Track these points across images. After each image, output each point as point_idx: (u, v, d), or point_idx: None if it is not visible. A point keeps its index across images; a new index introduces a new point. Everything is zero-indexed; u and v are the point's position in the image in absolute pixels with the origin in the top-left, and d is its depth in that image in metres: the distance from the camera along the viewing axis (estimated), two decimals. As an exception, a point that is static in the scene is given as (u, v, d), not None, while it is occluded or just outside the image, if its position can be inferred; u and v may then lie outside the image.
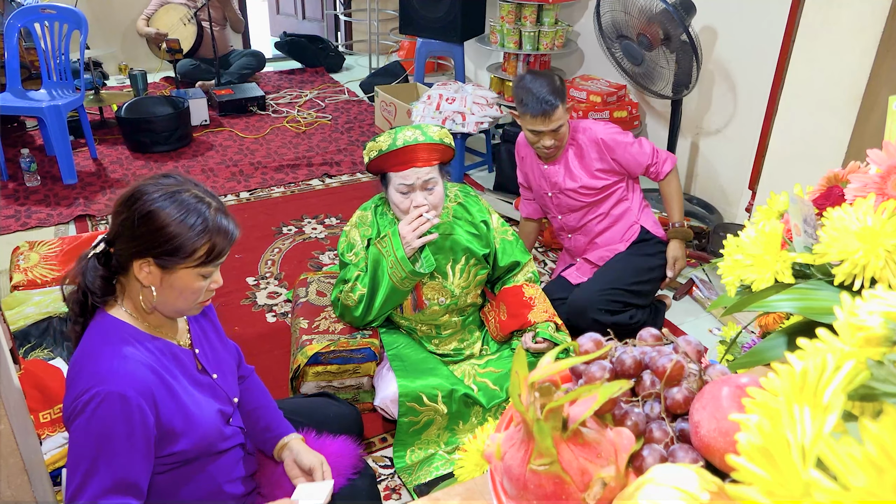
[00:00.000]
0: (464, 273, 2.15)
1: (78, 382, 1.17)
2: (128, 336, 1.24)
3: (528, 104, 2.29)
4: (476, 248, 2.14)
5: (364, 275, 2.07)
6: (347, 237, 2.13)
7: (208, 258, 1.23)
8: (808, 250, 0.65)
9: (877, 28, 2.15)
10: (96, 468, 1.13)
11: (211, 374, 1.38)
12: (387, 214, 2.12)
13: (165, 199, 1.20)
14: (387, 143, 1.95)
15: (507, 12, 4.06)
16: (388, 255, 2.03)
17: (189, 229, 1.20)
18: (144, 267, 1.21)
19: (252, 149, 4.27)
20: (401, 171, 1.97)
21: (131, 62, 5.09)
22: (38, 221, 3.36)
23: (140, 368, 1.20)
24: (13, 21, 3.56)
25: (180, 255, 1.20)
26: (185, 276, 1.23)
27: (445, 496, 0.66)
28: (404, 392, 2.00)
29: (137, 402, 1.15)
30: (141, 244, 1.19)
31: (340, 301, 2.13)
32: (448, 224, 2.12)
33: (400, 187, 1.99)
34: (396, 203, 2.02)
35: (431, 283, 2.12)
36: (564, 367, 0.55)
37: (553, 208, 2.60)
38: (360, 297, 2.07)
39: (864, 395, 0.43)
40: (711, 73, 3.44)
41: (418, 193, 1.99)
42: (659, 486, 0.49)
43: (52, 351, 2.18)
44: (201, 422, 1.28)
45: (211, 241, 1.22)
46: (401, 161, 1.96)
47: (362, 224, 2.12)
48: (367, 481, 1.58)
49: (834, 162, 2.38)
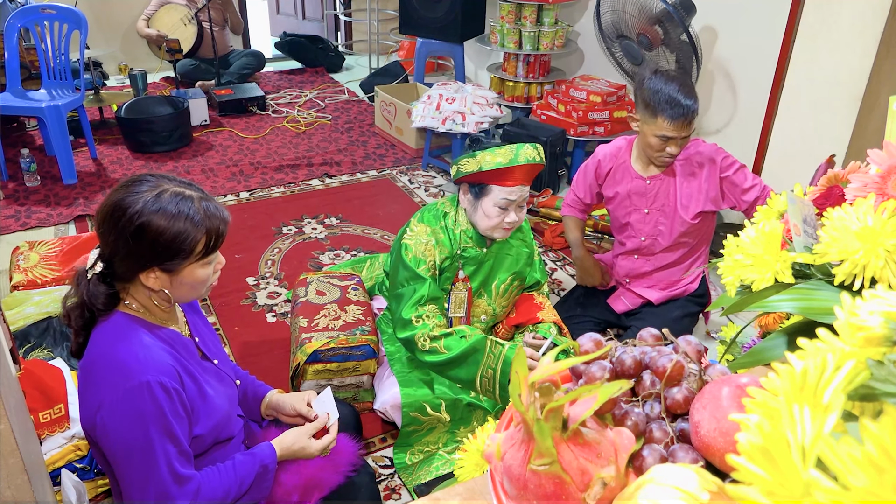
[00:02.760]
0: (507, 292, 2.16)
1: (105, 382, 1.19)
2: (140, 327, 1.26)
3: (664, 107, 2.08)
4: (522, 269, 2.16)
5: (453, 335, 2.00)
6: (413, 251, 2.02)
7: (208, 248, 1.26)
8: (808, 250, 0.65)
9: (877, 28, 2.15)
10: (158, 449, 1.18)
11: (212, 359, 1.42)
12: (455, 229, 2.06)
13: (150, 209, 1.19)
14: (508, 157, 1.90)
15: (507, 12, 4.06)
16: (491, 364, 1.97)
17: (183, 230, 1.20)
18: (151, 275, 1.23)
19: (252, 149, 4.27)
20: (509, 185, 1.93)
21: (131, 62, 5.09)
22: (38, 221, 3.36)
23: (162, 355, 1.24)
24: (13, 21, 3.56)
25: (182, 256, 1.22)
26: (192, 270, 1.26)
27: (445, 496, 0.66)
28: (408, 402, 1.99)
29: (173, 385, 1.21)
30: (142, 258, 1.21)
31: (420, 331, 2.00)
32: (501, 242, 2.12)
33: (501, 202, 1.94)
34: (490, 216, 1.96)
35: (478, 300, 2.12)
36: (564, 367, 0.55)
37: (640, 227, 2.39)
38: (439, 354, 1.99)
39: (864, 395, 0.43)
40: (711, 72, 3.44)
41: (514, 211, 1.97)
42: (659, 486, 0.49)
43: (52, 351, 2.18)
44: (216, 405, 1.33)
45: (207, 232, 1.24)
46: (513, 177, 1.92)
47: (437, 242, 2.03)
48: (365, 479, 1.59)
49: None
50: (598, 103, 3.74)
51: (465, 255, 2.07)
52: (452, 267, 2.06)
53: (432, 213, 2.10)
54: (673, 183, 2.28)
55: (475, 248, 2.08)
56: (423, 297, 1.99)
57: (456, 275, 2.07)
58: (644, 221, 2.37)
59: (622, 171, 2.35)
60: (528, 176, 1.94)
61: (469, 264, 2.08)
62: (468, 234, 2.07)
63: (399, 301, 2.04)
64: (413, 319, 2.00)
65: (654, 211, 2.33)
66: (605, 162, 2.40)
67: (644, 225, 2.37)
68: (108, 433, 1.19)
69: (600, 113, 3.74)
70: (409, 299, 2.01)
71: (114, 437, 1.18)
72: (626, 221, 2.41)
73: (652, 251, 2.41)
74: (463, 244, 2.07)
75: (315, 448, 1.43)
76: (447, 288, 2.07)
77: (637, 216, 2.37)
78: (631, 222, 2.39)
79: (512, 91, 4.33)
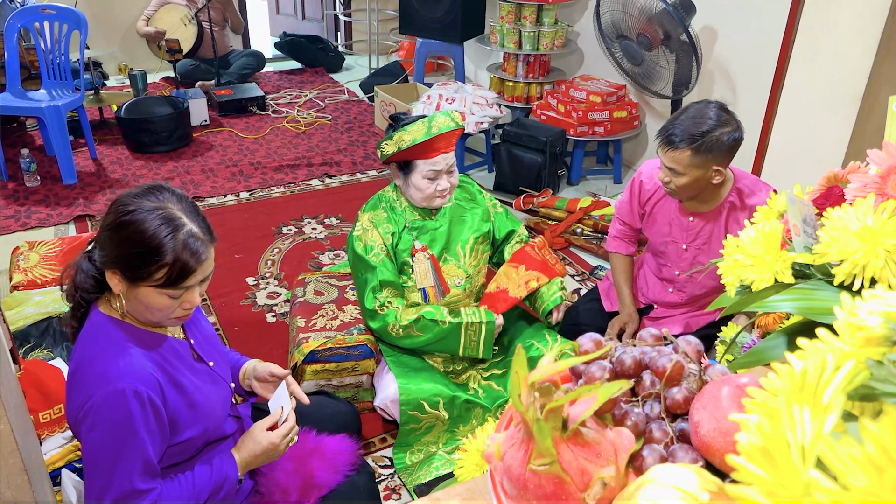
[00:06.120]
0: (473, 251, 2.19)
1: (85, 385, 1.20)
2: (126, 333, 1.26)
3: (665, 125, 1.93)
4: (480, 226, 2.20)
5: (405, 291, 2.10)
6: (362, 241, 2.07)
7: (168, 282, 1.19)
8: (808, 250, 0.65)
9: (877, 28, 2.15)
10: (123, 460, 1.18)
11: (207, 361, 1.41)
12: (398, 206, 2.13)
13: (138, 214, 1.19)
14: (422, 131, 1.96)
15: (507, 12, 4.06)
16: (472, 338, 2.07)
17: (152, 247, 1.17)
18: (115, 276, 1.22)
19: (252, 149, 4.27)
20: (431, 157, 1.99)
21: (131, 62, 5.08)
22: (38, 221, 3.36)
23: (144, 363, 1.23)
24: (13, 21, 3.56)
25: (143, 272, 1.19)
26: (149, 293, 1.21)
27: (445, 496, 0.66)
28: (406, 400, 2.00)
29: (149, 396, 1.19)
30: (109, 253, 1.21)
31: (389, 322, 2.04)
32: (453, 206, 2.17)
33: (428, 174, 2.00)
34: (422, 189, 2.03)
35: (446, 266, 2.15)
36: (564, 367, 0.55)
37: (677, 262, 2.17)
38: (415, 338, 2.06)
39: (864, 395, 0.43)
40: (711, 73, 3.44)
41: (444, 178, 2.03)
42: (659, 486, 0.49)
43: (52, 351, 2.18)
44: (206, 409, 1.32)
45: (173, 260, 1.18)
46: (433, 148, 1.98)
47: (380, 223, 2.09)
48: (365, 478, 1.59)
49: (834, 162, 2.38)
50: (598, 103, 3.74)
51: (415, 224, 2.12)
52: (406, 240, 2.10)
53: (371, 201, 2.17)
54: (719, 226, 2.04)
55: (423, 218, 2.13)
56: (377, 285, 2.04)
57: (413, 247, 2.11)
58: (680, 257, 2.15)
59: (666, 199, 2.11)
60: (448, 143, 2.00)
61: (423, 234, 2.12)
62: (412, 207, 2.12)
63: (360, 293, 2.10)
64: (377, 308, 2.05)
65: (693, 249, 2.11)
66: (647, 182, 2.15)
67: (679, 260, 2.16)
68: (80, 437, 1.21)
69: (600, 113, 3.74)
70: (367, 290, 2.05)
71: (84, 440, 1.20)
72: (661, 251, 2.20)
73: (680, 285, 2.20)
74: (410, 218, 2.12)
75: (276, 437, 1.38)
76: (408, 262, 2.10)
77: (674, 248, 2.15)
78: (666, 252, 2.18)
79: (512, 91, 4.33)
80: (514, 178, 3.65)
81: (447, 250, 2.15)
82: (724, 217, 2.03)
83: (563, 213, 3.36)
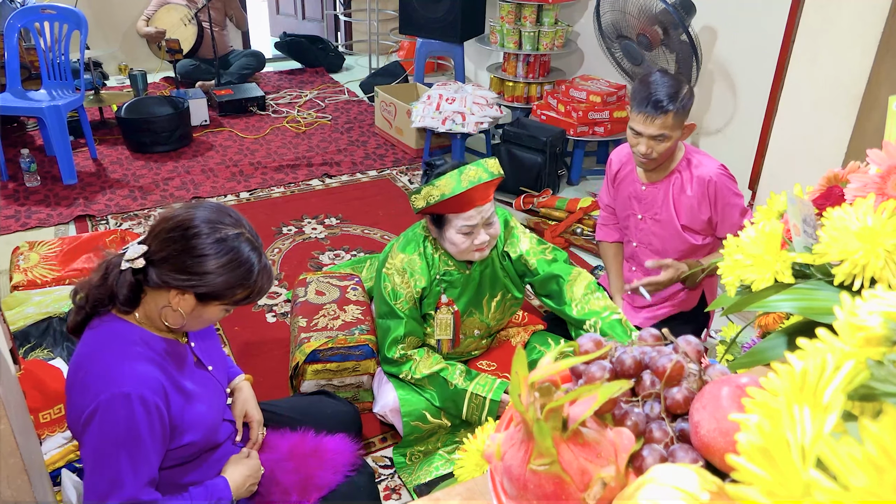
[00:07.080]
0: (500, 307, 2.11)
1: (89, 387, 1.18)
2: (134, 337, 1.25)
3: (634, 96, 1.99)
4: (511, 286, 2.09)
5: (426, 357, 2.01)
6: (391, 283, 1.97)
7: (241, 301, 1.29)
8: (808, 250, 0.65)
9: (877, 28, 2.15)
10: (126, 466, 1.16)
11: (207, 366, 1.41)
12: (435, 255, 2.00)
13: (220, 245, 1.21)
14: (450, 186, 1.79)
15: (507, 12, 4.06)
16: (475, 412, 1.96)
17: (234, 281, 1.23)
18: (183, 297, 1.22)
19: (252, 149, 4.27)
20: (465, 211, 1.83)
21: (131, 62, 5.09)
22: (38, 221, 3.36)
23: (150, 367, 1.22)
24: (13, 21, 3.56)
25: (220, 298, 1.24)
26: (217, 310, 1.28)
27: (445, 496, 0.66)
28: (407, 411, 1.99)
29: (154, 401, 1.19)
30: (187, 281, 1.20)
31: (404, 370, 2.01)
32: (488, 259, 2.03)
33: (463, 228, 1.86)
34: (457, 244, 1.89)
35: (469, 319, 2.07)
36: (564, 367, 0.55)
37: (635, 233, 2.28)
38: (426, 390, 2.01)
39: (864, 395, 0.43)
40: (711, 72, 3.44)
41: (482, 232, 1.89)
42: (659, 486, 0.49)
43: (52, 351, 2.18)
44: (205, 414, 1.32)
45: (250, 292, 1.27)
46: (466, 202, 1.81)
47: (412, 273, 1.96)
48: (365, 478, 1.59)
49: (834, 162, 2.37)
50: (598, 103, 3.74)
51: (447, 278, 2.00)
52: (434, 293, 2.00)
53: (413, 239, 2.02)
54: (668, 193, 2.14)
55: (457, 270, 2.01)
56: (399, 336, 1.98)
57: (439, 299, 2.01)
58: (637, 227, 2.25)
59: (628, 173, 2.25)
60: (483, 195, 1.84)
61: (452, 287, 2.01)
62: (448, 257, 2.00)
63: (380, 335, 2.05)
64: (396, 358, 2.00)
65: (648, 219, 2.21)
66: (615, 162, 2.29)
67: (637, 231, 2.26)
68: (82, 438, 1.19)
69: (600, 113, 3.74)
70: (389, 337, 1.99)
71: (86, 443, 1.18)
72: (625, 225, 2.31)
73: (640, 260, 2.28)
74: (443, 268, 2.00)
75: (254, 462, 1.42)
76: (431, 313, 2.02)
77: (633, 221, 2.26)
78: (628, 226, 2.29)
79: (512, 91, 4.33)
80: (515, 179, 3.65)
81: (475, 304, 2.06)
82: (671, 184, 2.13)
83: (563, 213, 3.36)
